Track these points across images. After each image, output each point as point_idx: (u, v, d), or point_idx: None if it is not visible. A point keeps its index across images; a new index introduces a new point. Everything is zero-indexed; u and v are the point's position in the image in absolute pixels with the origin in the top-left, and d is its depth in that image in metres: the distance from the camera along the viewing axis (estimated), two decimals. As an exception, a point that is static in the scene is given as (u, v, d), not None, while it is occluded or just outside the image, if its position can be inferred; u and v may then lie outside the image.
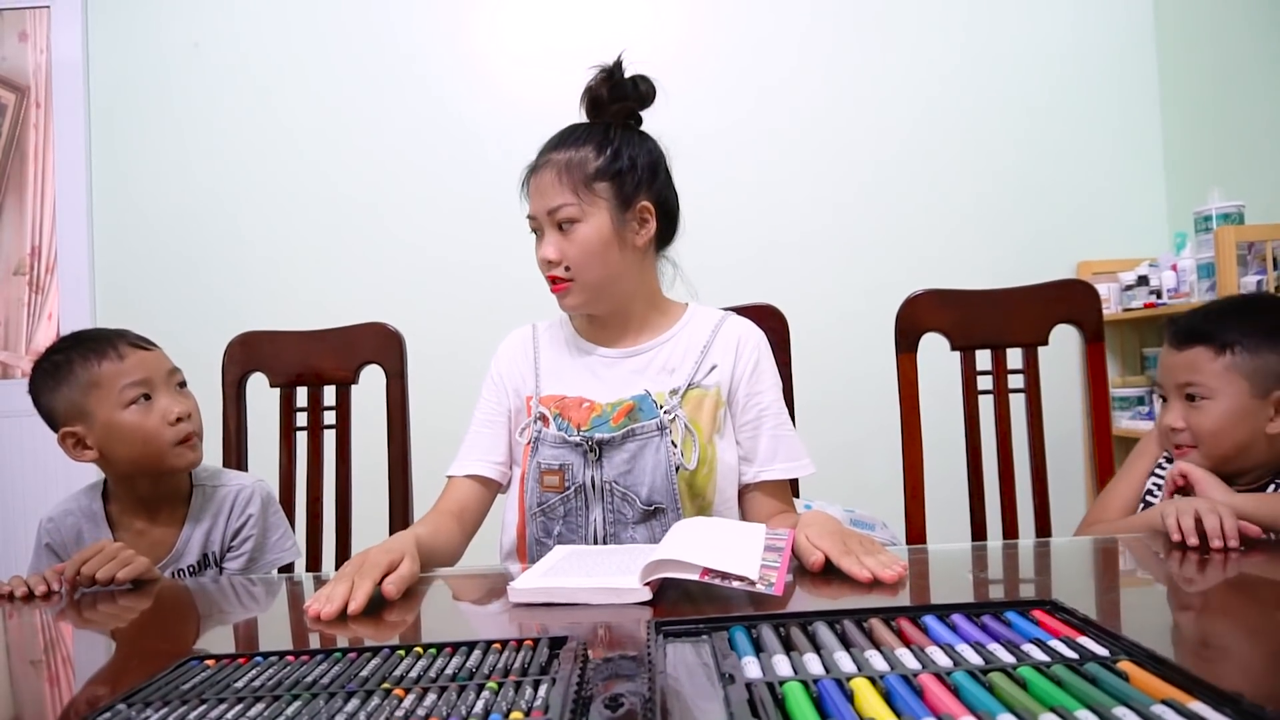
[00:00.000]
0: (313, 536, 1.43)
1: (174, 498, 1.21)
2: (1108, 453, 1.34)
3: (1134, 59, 2.58)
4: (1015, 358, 1.39)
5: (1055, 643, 0.54)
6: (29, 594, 0.98)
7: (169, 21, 2.62)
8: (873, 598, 0.76)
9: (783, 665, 0.53)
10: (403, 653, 0.60)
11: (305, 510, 1.43)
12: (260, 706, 0.51)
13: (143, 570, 0.99)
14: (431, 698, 0.51)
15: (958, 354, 1.39)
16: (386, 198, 2.59)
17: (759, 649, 0.57)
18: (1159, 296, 2.28)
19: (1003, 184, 2.57)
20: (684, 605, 0.76)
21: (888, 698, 0.47)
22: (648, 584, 0.77)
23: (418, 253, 2.58)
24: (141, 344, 1.20)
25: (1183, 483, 1.05)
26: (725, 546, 0.84)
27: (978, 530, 1.36)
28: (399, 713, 0.49)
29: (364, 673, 0.56)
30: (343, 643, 0.73)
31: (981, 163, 2.57)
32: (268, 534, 1.25)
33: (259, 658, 0.61)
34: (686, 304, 1.24)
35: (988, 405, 1.37)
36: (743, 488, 1.15)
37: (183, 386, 1.21)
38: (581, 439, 1.09)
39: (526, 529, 1.14)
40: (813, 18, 2.58)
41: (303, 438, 1.46)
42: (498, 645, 0.60)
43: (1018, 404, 1.37)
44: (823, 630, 0.60)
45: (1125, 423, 2.37)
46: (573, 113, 1.18)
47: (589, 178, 1.10)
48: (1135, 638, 0.53)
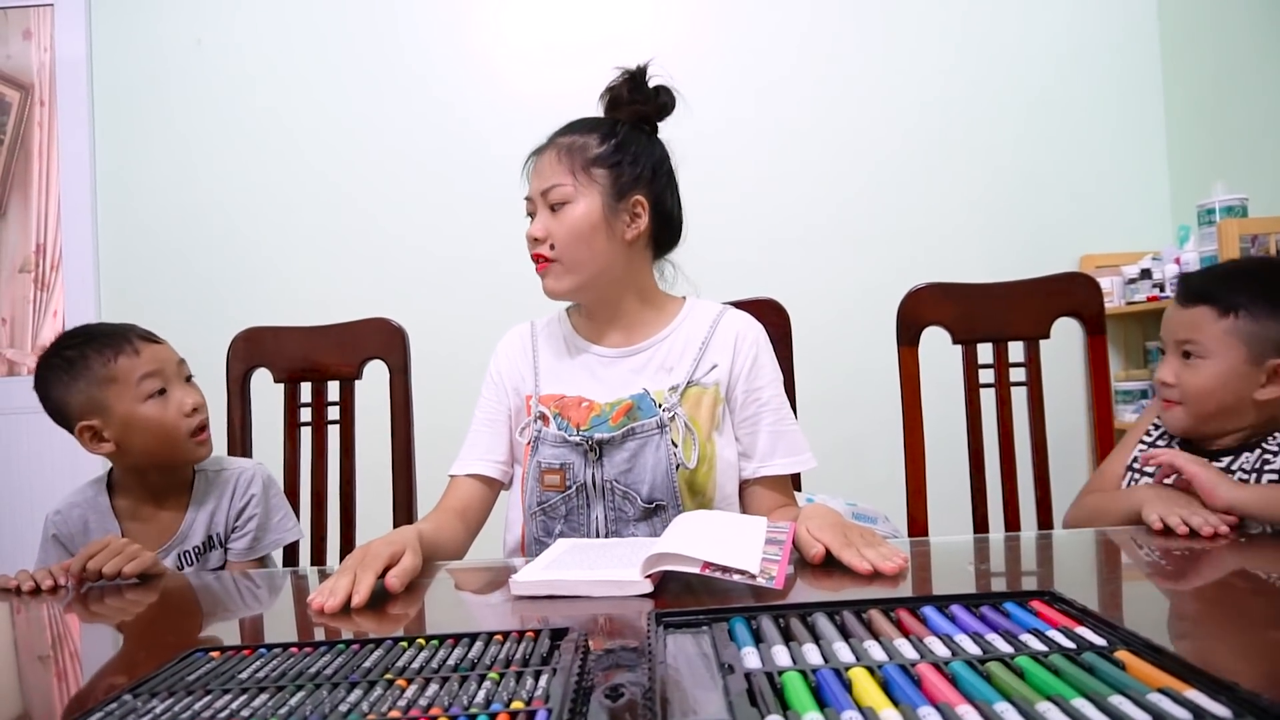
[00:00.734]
0: (317, 531, 1.44)
1: (179, 484, 1.24)
2: (1109, 447, 1.33)
3: (1137, 51, 2.57)
4: (1017, 351, 1.39)
5: (1053, 633, 0.54)
6: (36, 588, 0.99)
7: (172, 18, 2.62)
8: (873, 590, 0.76)
9: (782, 656, 0.53)
10: (405, 644, 0.61)
11: (310, 504, 1.44)
12: (264, 697, 0.52)
13: (148, 564, 1.00)
14: (434, 688, 0.51)
15: (959, 347, 1.39)
16: (390, 194, 2.60)
17: (758, 640, 0.57)
18: (1162, 290, 2.27)
19: (1005, 177, 2.56)
20: (685, 597, 0.77)
21: (886, 687, 0.48)
22: (649, 576, 0.78)
23: (421, 248, 2.58)
24: (151, 337, 1.22)
25: (1172, 474, 1.04)
26: (726, 540, 0.85)
27: (979, 524, 1.36)
28: (401, 702, 0.49)
29: (367, 664, 0.57)
30: (346, 634, 0.73)
31: (983, 156, 2.56)
32: (270, 514, 1.27)
33: (263, 649, 0.61)
34: (684, 298, 1.23)
35: (989, 399, 1.37)
36: (743, 483, 1.15)
37: (190, 379, 1.24)
38: (581, 438, 1.10)
39: (527, 527, 1.14)
40: (815, 11, 2.58)
41: (307, 433, 1.46)
42: (499, 637, 0.61)
43: (1019, 398, 1.37)
44: (822, 621, 0.60)
45: (1127, 416, 2.36)
46: (574, 110, 1.19)
47: (588, 161, 1.11)
48: (1134, 628, 0.53)
